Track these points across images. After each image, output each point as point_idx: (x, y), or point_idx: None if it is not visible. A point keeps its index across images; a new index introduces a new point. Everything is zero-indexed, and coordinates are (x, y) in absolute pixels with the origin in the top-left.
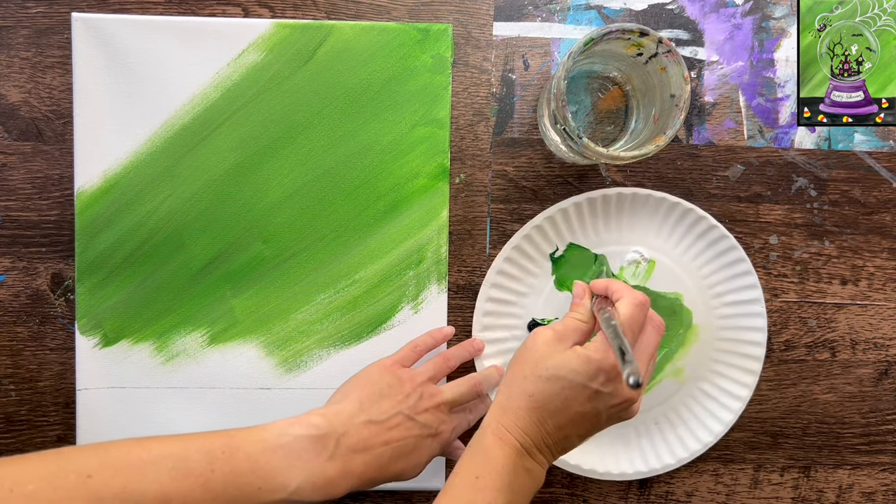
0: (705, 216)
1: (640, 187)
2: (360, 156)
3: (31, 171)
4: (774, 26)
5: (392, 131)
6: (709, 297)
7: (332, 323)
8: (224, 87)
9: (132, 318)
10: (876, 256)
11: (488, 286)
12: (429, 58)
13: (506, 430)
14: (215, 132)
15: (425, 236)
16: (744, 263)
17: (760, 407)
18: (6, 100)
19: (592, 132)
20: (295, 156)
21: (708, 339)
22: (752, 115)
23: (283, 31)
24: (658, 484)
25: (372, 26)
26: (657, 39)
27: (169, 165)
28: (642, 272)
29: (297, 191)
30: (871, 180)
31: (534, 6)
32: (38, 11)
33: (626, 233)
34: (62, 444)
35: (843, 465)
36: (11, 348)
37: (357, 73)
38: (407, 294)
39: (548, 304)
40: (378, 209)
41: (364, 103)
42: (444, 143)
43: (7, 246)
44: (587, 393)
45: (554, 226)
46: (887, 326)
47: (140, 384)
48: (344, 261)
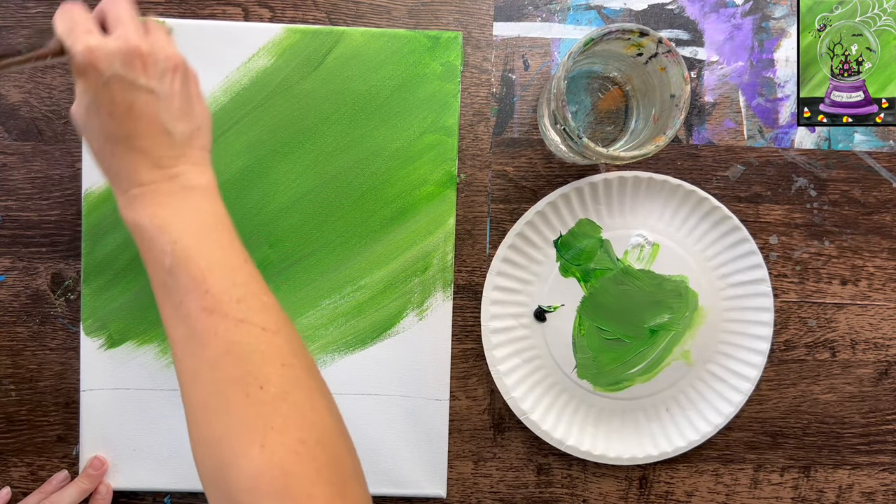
0: (707, 197)
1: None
2: (367, 162)
3: (31, 171)
4: (774, 26)
5: (400, 138)
6: (714, 278)
7: (336, 328)
8: (233, 92)
9: (138, 320)
10: (876, 256)
11: (494, 275)
12: (438, 65)
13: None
14: (224, 136)
15: (431, 243)
16: (748, 244)
17: (760, 407)
18: (6, 100)
19: (592, 132)
20: (303, 161)
21: (714, 321)
22: (752, 115)
23: (293, 36)
24: (658, 484)
25: (382, 33)
26: (657, 39)
27: None
28: (647, 256)
29: (305, 196)
30: (871, 180)
31: (534, 6)
32: (38, 11)
33: (628, 217)
34: (62, 444)
35: (843, 465)
36: (11, 348)
37: (366, 79)
38: (412, 301)
39: (553, 290)
40: (385, 215)
41: (373, 110)
42: (452, 151)
43: (7, 246)
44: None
45: (556, 211)
46: (887, 326)
47: (145, 386)
48: (350, 266)
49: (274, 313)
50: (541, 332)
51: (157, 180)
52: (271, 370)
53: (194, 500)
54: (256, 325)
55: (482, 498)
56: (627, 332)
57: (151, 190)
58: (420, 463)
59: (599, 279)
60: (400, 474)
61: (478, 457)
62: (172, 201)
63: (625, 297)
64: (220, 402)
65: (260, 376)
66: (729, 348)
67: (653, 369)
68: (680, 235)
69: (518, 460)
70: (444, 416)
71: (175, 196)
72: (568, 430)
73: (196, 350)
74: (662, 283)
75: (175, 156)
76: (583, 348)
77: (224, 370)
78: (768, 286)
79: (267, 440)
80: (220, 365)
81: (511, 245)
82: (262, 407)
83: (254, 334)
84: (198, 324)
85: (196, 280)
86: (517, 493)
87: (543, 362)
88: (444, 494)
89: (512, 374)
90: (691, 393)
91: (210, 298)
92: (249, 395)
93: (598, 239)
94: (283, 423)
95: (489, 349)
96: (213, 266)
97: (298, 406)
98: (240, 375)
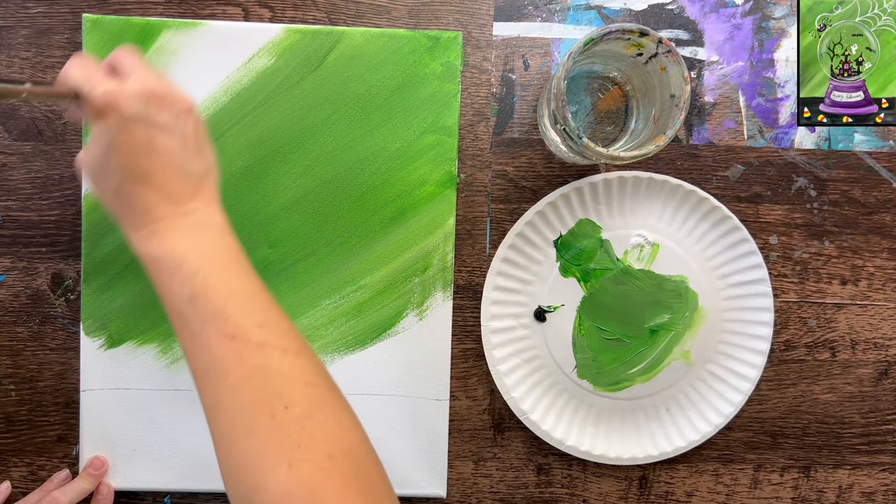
0: (707, 197)
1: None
2: (367, 162)
3: (31, 171)
4: (774, 26)
5: (400, 138)
6: (714, 278)
7: (336, 328)
8: (233, 92)
9: (138, 320)
10: (876, 256)
11: (494, 275)
12: (438, 65)
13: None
14: (224, 136)
15: (431, 243)
16: (748, 244)
17: (760, 407)
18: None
19: (592, 132)
20: (303, 161)
21: (714, 321)
22: (752, 115)
23: (293, 36)
24: (658, 484)
25: (382, 33)
26: (657, 39)
27: None
28: (647, 256)
29: (305, 196)
30: (871, 180)
31: (534, 6)
32: (38, 11)
33: (628, 217)
34: (62, 444)
35: (843, 465)
36: (11, 348)
37: (366, 79)
38: (412, 301)
39: (553, 290)
40: (385, 215)
41: (373, 110)
42: (452, 151)
43: (7, 246)
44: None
45: (556, 211)
46: (887, 326)
47: (145, 386)
48: (350, 266)
49: (294, 336)
50: (541, 332)
51: (173, 215)
52: (295, 390)
53: (194, 500)
54: (278, 348)
55: (482, 498)
56: (627, 332)
57: (168, 224)
58: (420, 463)
59: (599, 279)
60: (400, 474)
61: (478, 457)
62: (189, 234)
63: (625, 297)
64: (245, 425)
65: (284, 397)
66: (729, 348)
67: (653, 369)
68: (680, 235)
69: (518, 460)
70: (444, 416)
71: (191, 229)
72: (568, 430)
73: (217, 377)
74: (662, 283)
75: (191, 192)
76: (583, 348)
77: (248, 394)
78: (768, 286)
79: (294, 459)
80: (244, 389)
81: (511, 245)
82: (288, 427)
83: (276, 356)
84: (219, 351)
85: (217, 307)
86: (517, 493)
87: (543, 362)
88: (444, 494)
89: (512, 374)
90: (691, 393)
91: (231, 324)
92: (275, 416)
93: (598, 239)
94: (309, 441)
95: (489, 349)
96: (233, 294)
97: (324, 424)
98: (264, 397)
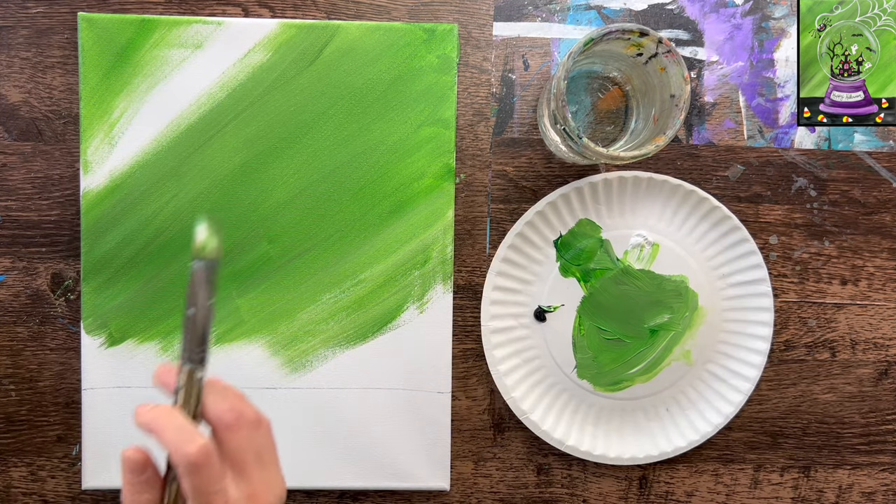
0: (707, 197)
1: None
2: (365, 156)
3: (31, 171)
4: (774, 26)
5: (397, 131)
6: (714, 278)
7: (337, 323)
8: (230, 87)
9: (138, 318)
10: (876, 256)
11: (494, 275)
12: (434, 58)
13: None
14: (221, 132)
15: (431, 236)
16: (748, 244)
17: (760, 407)
18: (6, 100)
19: (592, 132)
20: (300, 156)
21: (714, 320)
22: (752, 115)
23: (288, 31)
24: (658, 484)
25: (378, 26)
26: (657, 39)
27: (175, 165)
28: (646, 256)
29: (303, 191)
30: (871, 180)
31: (534, 6)
32: (38, 11)
33: (628, 217)
34: (62, 444)
35: (843, 465)
36: (11, 348)
37: (363, 73)
38: (412, 294)
39: (553, 290)
40: (383, 209)
41: (369, 103)
42: (449, 143)
43: (7, 246)
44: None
45: (556, 211)
46: (887, 326)
47: (146, 384)
48: (349, 260)
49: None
50: (541, 332)
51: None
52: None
53: None
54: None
55: (482, 498)
56: (627, 332)
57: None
58: (423, 456)
59: (599, 279)
60: (402, 468)
61: (478, 457)
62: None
63: (625, 297)
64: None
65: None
66: (729, 348)
67: (653, 369)
68: (680, 235)
69: (518, 460)
70: (447, 409)
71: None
72: (568, 430)
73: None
74: (662, 283)
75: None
76: (583, 348)
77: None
78: (768, 286)
79: None
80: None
81: (511, 245)
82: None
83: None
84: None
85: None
86: (517, 493)
87: (543, 362)
88: (447, 487)
89: (512, 374)
90: (691, 393)
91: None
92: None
93: (598, 239)
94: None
95: (489, 349)
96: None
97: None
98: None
